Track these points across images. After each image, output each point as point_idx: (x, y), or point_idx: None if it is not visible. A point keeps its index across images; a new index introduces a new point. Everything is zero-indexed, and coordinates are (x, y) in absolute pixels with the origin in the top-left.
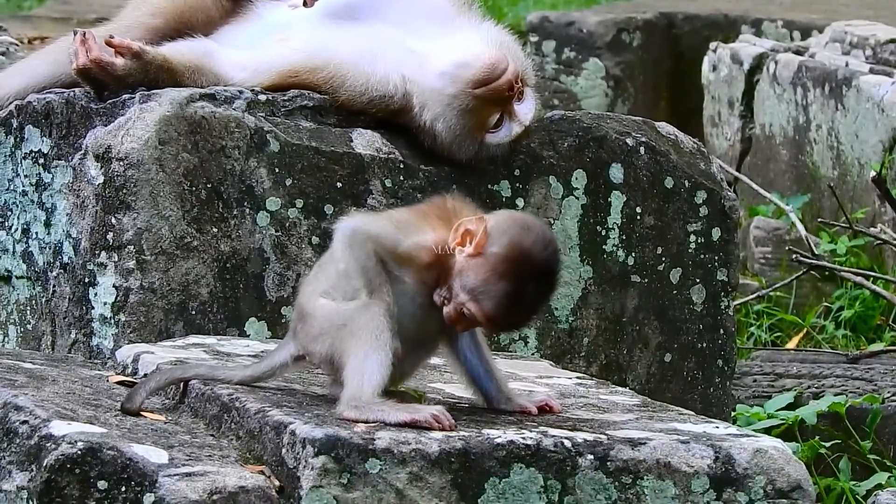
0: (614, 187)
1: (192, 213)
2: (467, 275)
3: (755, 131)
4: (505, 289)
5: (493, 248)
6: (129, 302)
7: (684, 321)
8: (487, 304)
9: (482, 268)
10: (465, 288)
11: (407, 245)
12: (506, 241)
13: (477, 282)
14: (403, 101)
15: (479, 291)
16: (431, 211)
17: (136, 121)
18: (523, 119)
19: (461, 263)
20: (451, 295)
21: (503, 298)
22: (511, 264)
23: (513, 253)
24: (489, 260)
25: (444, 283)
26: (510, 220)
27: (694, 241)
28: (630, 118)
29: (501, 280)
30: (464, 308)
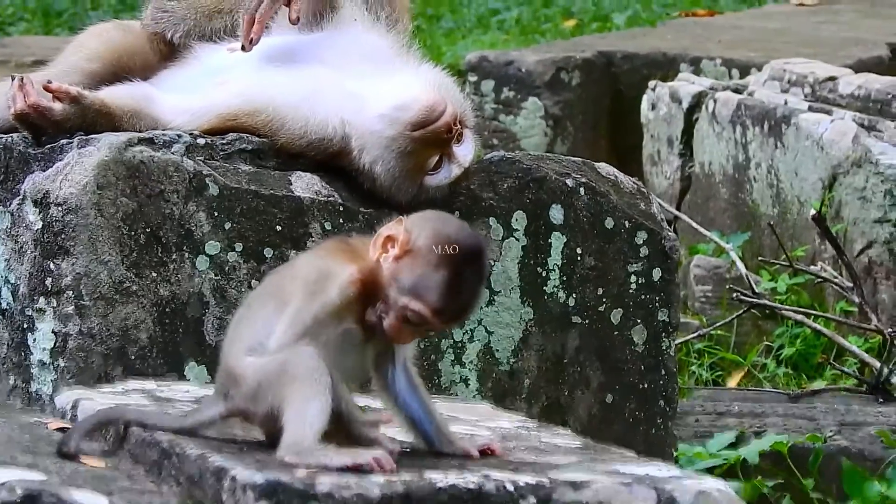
0: (555, 228)
1: (132, 257)
2: (401, 276)
3: (695, 170)
4: (444, 276)
5: (419, 242)
6: (68, 347)
7: (626, 361)
8: (431, 296)
9: (414, 263)
10: (402, 290)
11: (334, 297)
12: (429, 231)
13: (413, 278)
14: (343, 144)
15: (418, 287)
16: (332, 251)
17: (75, 166)
18: (462, 161)
19: (391, 270)
20: (387, 305)
21: (444, 286)
22: (443, 252)
23: (441, 240)
24: (419, 253)
25: (374, 303)
26: (425, 215)
27: (635, 282)
28: (570, 159)
29: (438, 269)
30: (407, 311)
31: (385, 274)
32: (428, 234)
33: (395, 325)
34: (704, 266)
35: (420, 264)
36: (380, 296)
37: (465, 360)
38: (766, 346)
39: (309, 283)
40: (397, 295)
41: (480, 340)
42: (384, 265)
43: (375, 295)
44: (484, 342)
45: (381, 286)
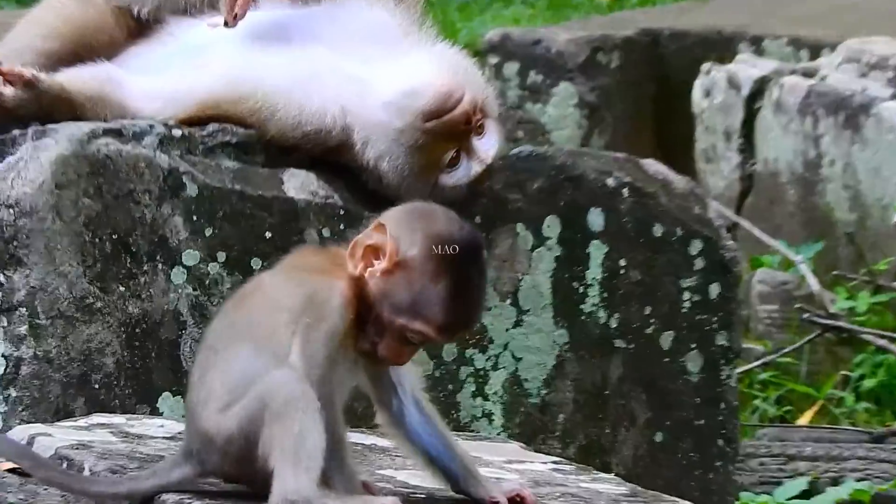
0: (593, 236)
1: (96, 269)
2: (395, 294)
3: (757, 168)
4: (445, 287)
5: (411, 252)
6: (21, 374)
7: (678, 394)
8: (434, 313)
9: (409, 277)
10: (399, 309)
11: (337, 321)
12: (420, 236)
13: (411, 295)
14: (343, 137)
15: (418, 305)
16: (305, 268)
17: (29, 161)
18: (484, 156)
19: (380, 287)
20: (381, 327)
21: (448, 299)
22: (440, 259)
23: (435, 244)
24: (413, 265)
25: (366, 324)
26: (408, 214)
27: (688, 300)
28: (611, 155)
29: (437, 279)
30: (406, 332)
31: (374, 291)
32: (418, 239)
33: (393, 347)
34: (769, 282)
35: (416, 278)
36: (369, 315)
37: (488, 391)
38: (843, 376)
39: (297, 312)
40: (392, 315)
41: (507, 368)
42: (370, 281)
43: (364, 314)
44: (511, 370)
45: (369, 304)
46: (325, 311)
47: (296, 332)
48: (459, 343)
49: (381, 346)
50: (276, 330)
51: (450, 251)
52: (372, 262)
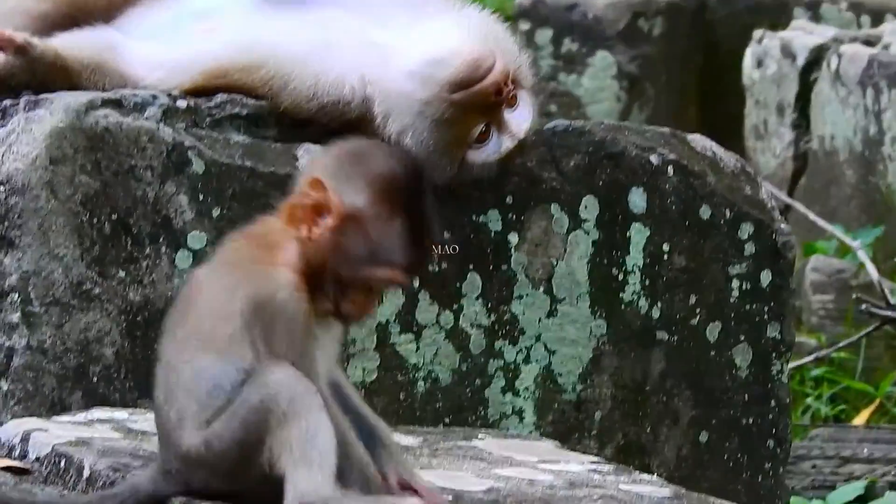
0: (635, 218)
1: (93, 252)
2: (350, 248)
3: (812, 145)
4: (402, 226)
5: (357, 200)
6: (14, 365)
7: (725, 390)
8: (397, 256)
9: (362, 227)
10: (358, 262)
11: (296, 317)
12: (361, 182)
13: (369, 244)
14: (363, 109)
15: (379, 252)
16: (242, 259)
17: (21, 134)
18: (516, 131)
19: (331, 245)
20: (343, 285)
21: (408, 238)
22: (389, 199)
23: (379, 184)
24: (363, 214)
25: (322, 286)
26: (340, 160)
27: (737, 288)
28: (654, 129)
29: (392, 221)
30: (372, 283)
31: (325, 251)
32: (361, 185)
33: (359, 301)
34: (824, 269)
35: (369, 226)
36: (324, 277)
37: (519, 386)
38: None
39: (247, 319)
40: (353, 269)
41: (539, 362)
42: (318, 242)
43: (319, 277)
44: (544, 364)
45: (323, 266)
46: (275, 309)
47: (254, 341)
48: (488, 335)
49: (345, 304)
50: (234, 337)
51: (396, 188)
52: (316, 221)
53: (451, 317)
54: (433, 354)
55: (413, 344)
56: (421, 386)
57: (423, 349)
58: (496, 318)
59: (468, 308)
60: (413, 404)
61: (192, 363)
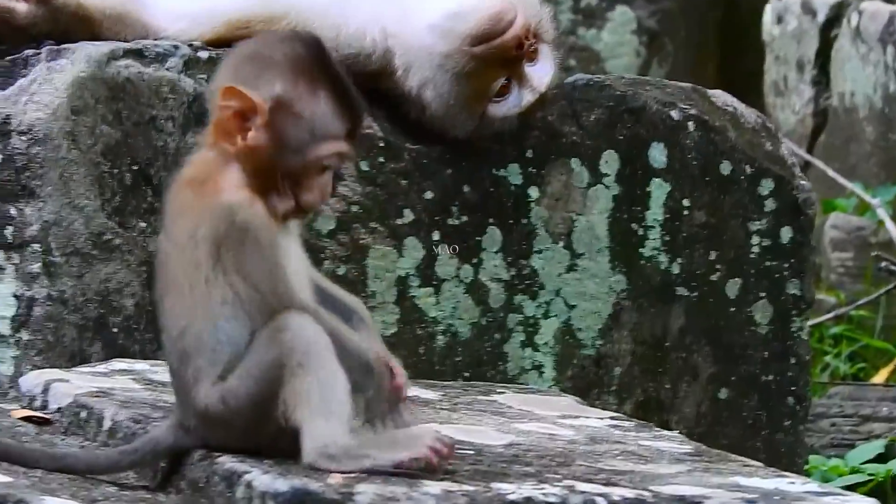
0: (655, 173)
1: (114, 202)
2: (288, 137)
3: (832, 102)
4: (328, 95)
5: (276, 89)
6: (34, 316)
7: (744, 347)
8: (335, 125)
9: (290, 112)
10: (301, 147)
11: (263, 230)
12: (271, 71)
13: (304, 125)
14: (384, 61)
15: (316, 128)
16: (192, 192)
17: (43, 83)
18: (537, 84)
19: (268, 142)
20: (294, 176)
21: (338, 104)
22: (301, 74)
23: (288, 67)
24: (286, 101)
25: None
26: (241, 61)
27: (757, 244)
28: (676, 84)
29: (316, 94)
30: (321, 162)
31: (265, 151)
32: (272, 74)
33: (316, 185)
34: (843, 227)
35: (297, 108)
36: (274, 178)
37: (538, 341)
38: None
39: (217, 255)
40: (298, 156)
41: (559, 317)
42: (255, 146)
43: (268, 181)
44: (563, 319)
45: (269, 169)
46: (237, 234)
47: (228, 270)
48: (507, 289)
49: (303, 194)
50: (212, 286)
51: (305, 65)
52: (244, 127)
53: (470, 271)
54: (453, 308)
55: (433, 298)
56: (440, 340)
57: (443, 303)
58: (516, 272)
59: (488, 262)
60: (432, 358)
61: (194, 324)
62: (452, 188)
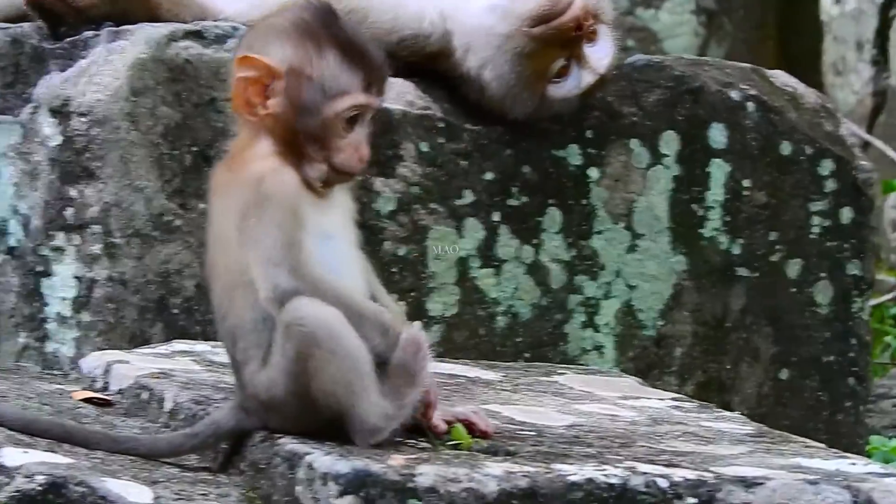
0: (715, 154)
1: (174, 183)
2: (305, 97)
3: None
4: (339, 49)
5: (286, 54)
6: (94, 297)
7: (805, 327)
8: (349, 77)
9: (304, 73)
10: (320, 105)
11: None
12: (280, 37)
13: (319, 82)
14: (443, 43)
15: (331, 84)
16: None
17: (103, 65)
18: (597, 66)
19: (288, 108)
20: (322, 137)
21: (350, 56)
22: (309, 35)
23: (294, 30)
24: (298, 61)
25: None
26: (252, 33)
27: (818, 225)
28: (735, 65)
29: (326, 50)
30: (344, 115)
31: (287, 117)
32: (280, 40)
33: (347, 143)
34: None
35: (309, 68)
36: (303, 148)
37: (598, 322)
38: None
39: (246, 212)
40: (318, 116)
41: (619, 297)
42: (277, 113)
43: (299, 153)
44: (624, 300)
45: (295, 135)
46: (263, 201)
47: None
48: (568, 269)
49: (334, 156)
50: (250, 263)
51: (311, 26)
52: (263, 96)
53: (531, 251)
54: (513, 289)
55: (493, 278)
56: (501, 321)
57: (504, 284)
58: (576, 252)
59: (548, 243)
60: (493, 339)
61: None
62: (512, 169)
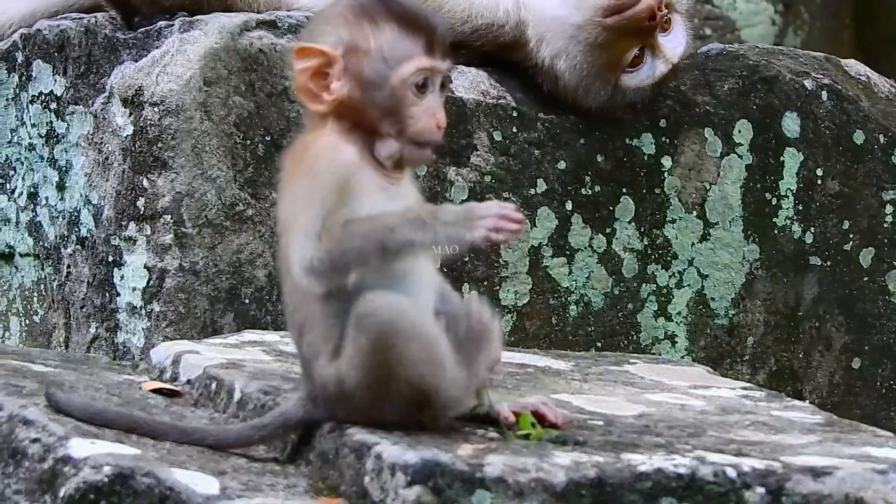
0: (788, 143)
1: (246, 173)
2: (367, 75)
3: None
4: (393, 19)
5: (339, 36)
6: (165, 287)
7: (878, 316)
8: (407, 46)
9: (361, 51)
10: (384, 78)
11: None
12: (333, 22)
13: (378, 56)
14: (516, 32)
15: (391, 54)
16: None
17: (176, 55)
18: (670, 55)
19: (353, 88)
20: (393, 110)
21: (405, 22)
22: (366, 17)
23: (347, 13)
24: (354, 42)
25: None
26: (308, 24)
27: (891, 213)
28: (809, 54)
29: (380, 26)
30: (410, 81)
31: (354, 100)
32: (336, 23)
33: (426, 112)
34: None
35: (366, 45)
36: (375, 127)
37: (671, 311)
38: None
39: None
40: (385, 90)
41: (692, 286)
42: (342, 97)
43: (371, 134)
44: (696, 289)
45: (364, 116)
46: (320, 174)
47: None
48: (640, 258)
49: (410, 127)
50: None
51: (364, 6)
52: (327, 79)
53: (603, 240)
54: (585, 278)
55: (565, 267)
56: (573, 310)
57: (576, 273)
58: (649, 242)
59: (621, 232)
60: (565, 328)
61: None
62: (585, 158)
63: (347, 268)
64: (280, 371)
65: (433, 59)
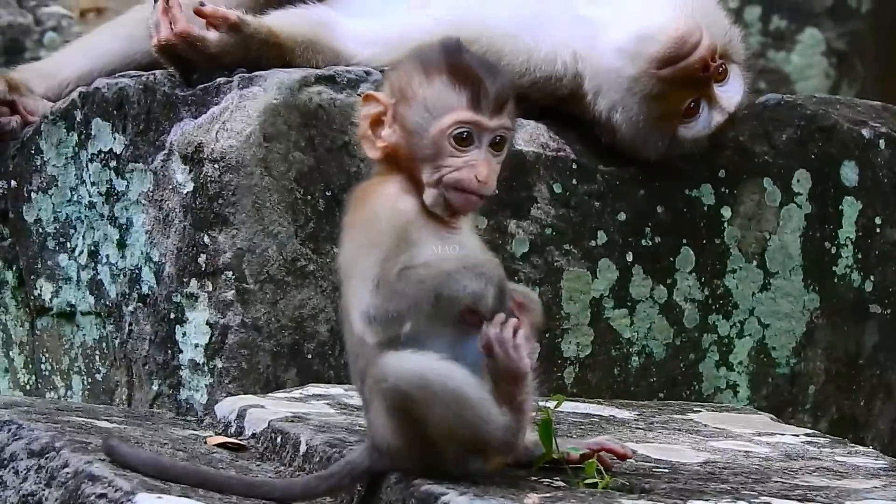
0: (847, 192)
1: (307, 228)
2: (414, 121)
3: None
4: (443, 78)
5: (393, 85)
6: (228, 343)
7: None
8: (450, 97)
9: (408, 100)
10: (424, 128)
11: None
12: (396, 72)
13: (424, 103)
14: (574, 85)
15: (430, 105)
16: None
17: (235, 111)
18: (727, 105)
19: (401, 134)
20: (436, 156)
21: (453, 81)
22: (423, 69)
23: (414, 66)
24: (403, 92)
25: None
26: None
27: None
28: (866, 103)
29: (430, 80)
30: (452, 131)
31: (401, 147)
32: (398, 74)
33: (468, 163)
34: None
35: (412, 95)
36: (418, 174)
37: (732, 360)
38: None
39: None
40: (426, 139)
41: (753, 336)
42: (395, 143)
43: (420, 181)
44: (757, 338)
45: (412, 163)
46: (375, 222)
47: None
48: (701, 308)
49: (446, 174)
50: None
51: (427, 59)
52: (381, 125)
53: (664, 291)
54: (647, 329)
55: (627, 318)
56: (635, 360)
57: (637, 324)
58: (709, 291)
59: (681, 282)
60: (627, 379)
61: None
62: (645, 209)
63: (402, 317)
64: (345, 424)
65: (477, 114)
